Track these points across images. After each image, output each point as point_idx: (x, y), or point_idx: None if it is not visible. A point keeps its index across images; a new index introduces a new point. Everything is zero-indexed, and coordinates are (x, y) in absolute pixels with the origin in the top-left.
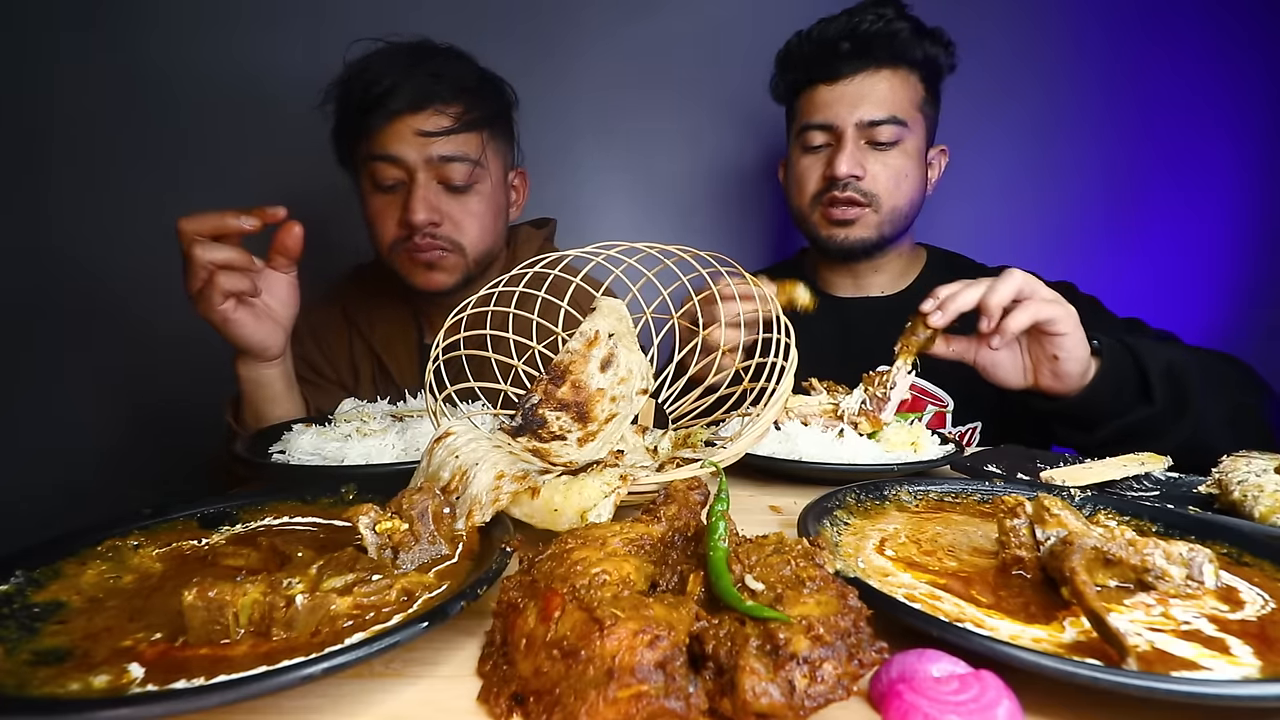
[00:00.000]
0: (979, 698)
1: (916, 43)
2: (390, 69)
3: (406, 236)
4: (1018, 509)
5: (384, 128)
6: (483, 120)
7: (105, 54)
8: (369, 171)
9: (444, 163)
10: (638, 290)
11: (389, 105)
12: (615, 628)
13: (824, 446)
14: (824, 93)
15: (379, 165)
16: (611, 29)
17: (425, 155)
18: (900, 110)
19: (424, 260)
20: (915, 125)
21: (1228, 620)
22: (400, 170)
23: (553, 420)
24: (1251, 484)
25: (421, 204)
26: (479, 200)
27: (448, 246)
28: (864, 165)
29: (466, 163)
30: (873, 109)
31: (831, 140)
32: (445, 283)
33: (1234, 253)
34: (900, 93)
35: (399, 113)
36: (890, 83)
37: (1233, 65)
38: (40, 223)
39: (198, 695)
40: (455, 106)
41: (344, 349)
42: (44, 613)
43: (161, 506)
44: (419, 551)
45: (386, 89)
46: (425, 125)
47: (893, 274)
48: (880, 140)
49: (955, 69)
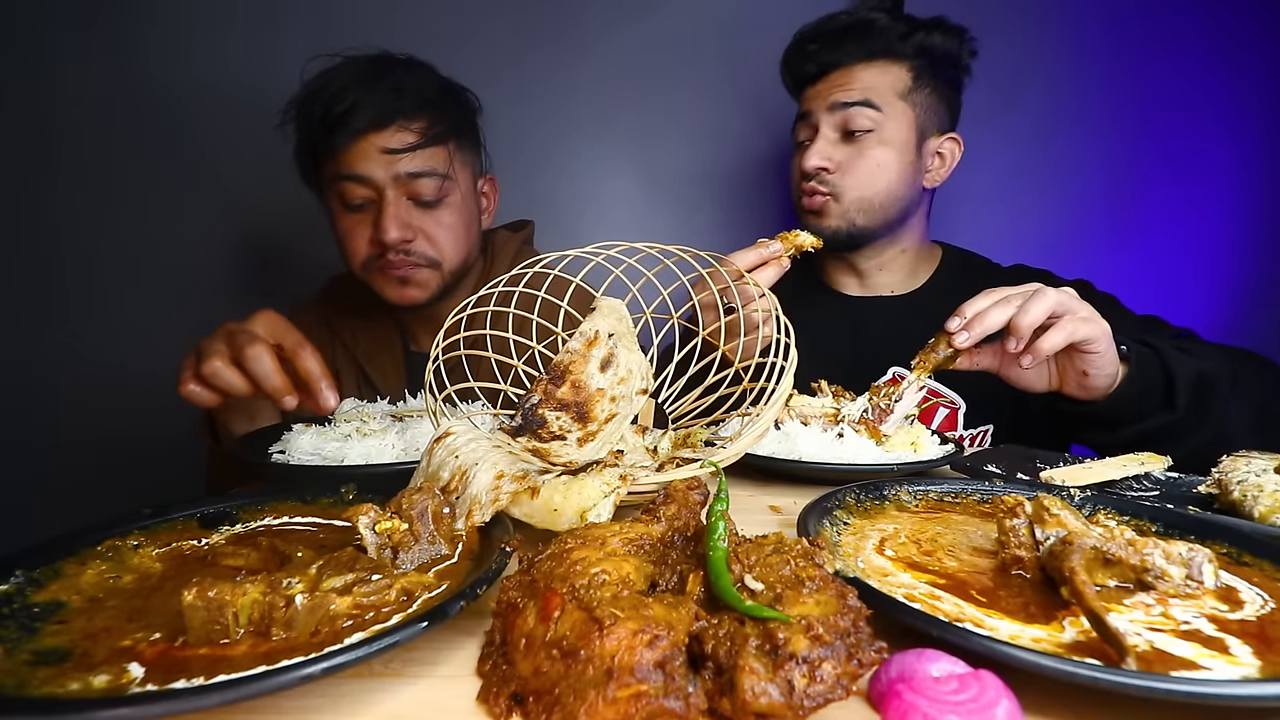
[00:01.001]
0: (978, 697)
1: (898, 35)
2: (350, 86)
3: (379, 254)
4: (1017, 509)
5: (348, 147)
6: (447, 133)
7: (105, 54)
8: (336, 191)
9: (412, 179)
10: (638, 290)
11: (352, 124)
12: (615, 627)
13: (824, 446)
14: (809, 91)
15: (346, 185)
16: (612, 27)
17: (393, 173)
18: (874, 94)
19: (397, 277)
20: (895, 113)
21: (1227, 620)
22: (368, 189)
23: (552, 420)
24: (1251, 484)
25: (393, 222)
26: (450, 213)
27: (422, 262)
28: (833, 158)
29: (435, 177)
30: (844, 93)
31: (811, 134)
32: (420, 297)
33: (1234, 251)
34: (878, 80)
35: (363, 131)
36: (869, 72)
37: (1233, 64)
38: (45, 222)
39: (197, 695)
40: (419, 121)
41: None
42: (44, 613)
43: (161, 506)
44: (419, 551)
45: (348, 108)
46: (390, 143)
47: (902, 272)
48: (854, 128)
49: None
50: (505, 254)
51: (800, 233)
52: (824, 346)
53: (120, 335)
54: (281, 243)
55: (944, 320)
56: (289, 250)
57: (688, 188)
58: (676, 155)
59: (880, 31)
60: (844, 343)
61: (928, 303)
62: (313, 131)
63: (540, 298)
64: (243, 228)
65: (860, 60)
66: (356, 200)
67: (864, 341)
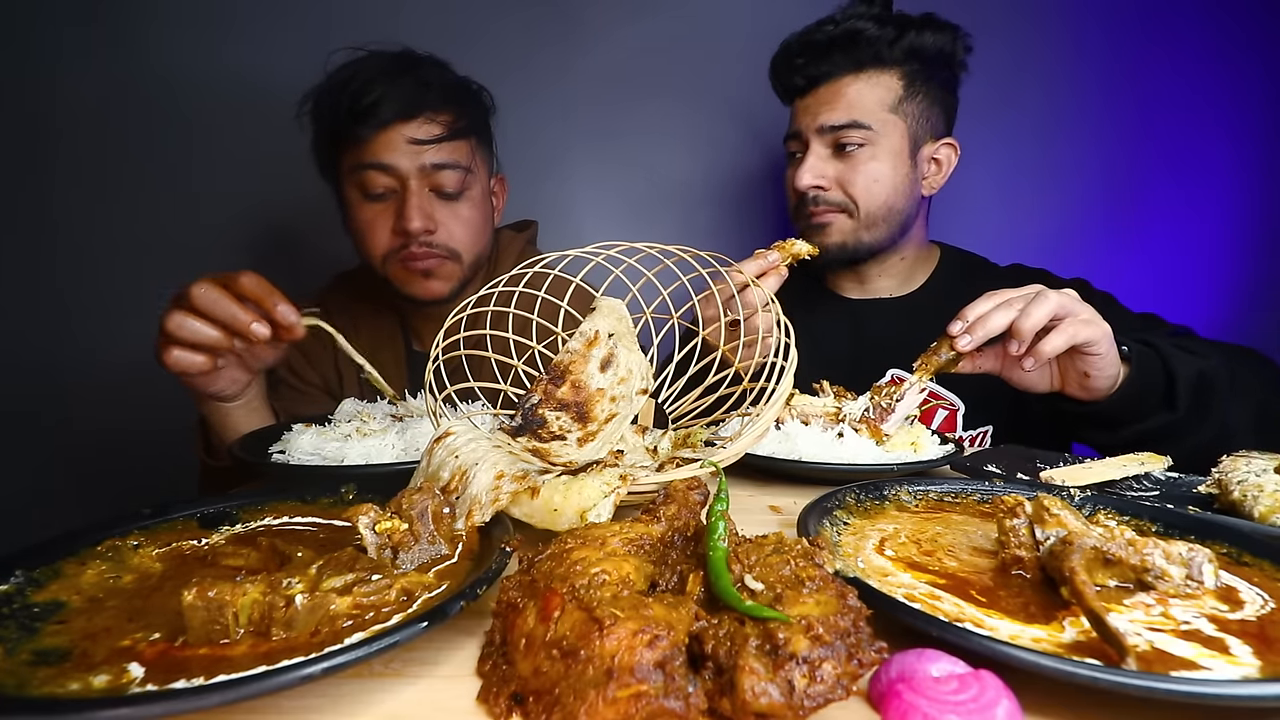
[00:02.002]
0: (978, 697)
1: (888, 42)
2: (378, 78)
3: (401, 245)
4: (1017, 509)
5: (374, 136)
6: (469, 128)
7: (106, 49)
8: (357, 181)
9: (436, 170)
10: (638, 290)
11: (380, 114)
12: (615, 627)
13: (824, 446)
14: (797, 104)
15: (369, 174)
16: (611, 29)
17: (418, 163)
18: (864, 114)
19: (420, 269)
20: (886, 127)
21: (1227, 620)
22: (392, 179)
23: (552, 420)
24: (1251, 484)
25: (417, 211)
26: (469, 207)
27: (443, 254)
28: (826, 174)
29: (458, 170)
30: (832, 114)
31: (801, 149)
32: (441, 291)
33: (1233, 252)
34: (867, 96)
35: (389, 121)
36: (855, 87)
37: (1232, 65)
38: (43, 219)
39: (197, 695)
40: (445, 114)
41: (328, 356)
42: (44, 613)
43: (161, 506)
44: (419, 551)
45: (377, 98)
46: (417, 133)
47: (901, 275)
48: (845, 143)
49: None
50: (509, 254)
51: (796, 241)
52: (824, 348)
53: (119, 334)
54: (283, 239)
55: (943, 321)
56: (291, 247)
57: (688, 188)
58: (678, 156)
59: (868, 41)
60: (844, 344)
61: (926, 304)
62: (338, 121)
63: (541, 298)
64: (243, 225)
65: (849, 72)
66: (378, 189)
67: (863, 343)
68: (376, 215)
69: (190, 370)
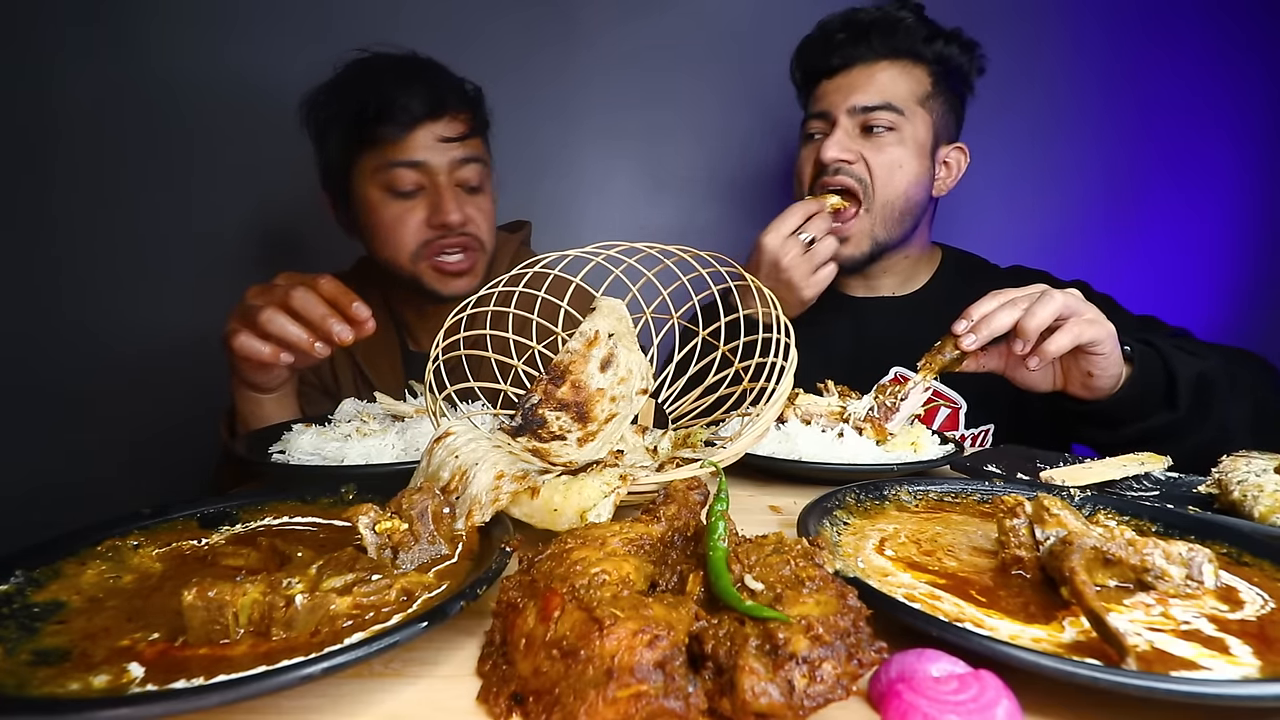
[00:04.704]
0: (978, 697)
1: (922, 37)
2: (405, 78)
3: (436, 237)
4: (1017, 509)
5: (404, 135)
6: (482, 126)
7: (107, 49)
8: (383, 180)
9: (461, 165)
10: (638, 290)
11: (412, 112)
12: (615, 627)
13: (824, 446)
14: (825, 85)
15: (399, 171)
16: (614, 25)
17: (447, 159)
18: (896, 98)
19: (453, 268)
20: (915, 117)
21: (1227, 620)
22: (421, 175)
23: (552, 420)
24: (1251, 484)
25: (454, 204)
26: (487, 200)
27: (474, 244)
28: (854, 150)
29: (479, 164)
30: (865, 95)
31: (826, 129)
32: (468, 287)
33: (1234, 254)
34: (900, 83)
35: (421, 119)
36: (889, 73)
37: (1232, 67)
38: (42, 219)
39: (197, 695)
40: (465, 112)
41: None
42: (44, 613)
43: (161, 506)
44: (419, 551)
45: (409, 97)
46: (445, 131)
47: (904, 274)
48: (874, 125)
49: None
50: (504, 255)
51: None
52: (827, 346)
53: (118, 334)
54: (283, 239)
55: (945, 321)
56: (289, 247)
57: (689, 188)
58: (679, 155)
59: (907, 30)
60: (846, 343)
61: (928, 303)
62: (363, 121)
63: (540, 298)
64: (243, 225)
65: (884, 57)
66: (408, 187)
67: (865, 342)
68: (405, 212)
69: (254, 357)
